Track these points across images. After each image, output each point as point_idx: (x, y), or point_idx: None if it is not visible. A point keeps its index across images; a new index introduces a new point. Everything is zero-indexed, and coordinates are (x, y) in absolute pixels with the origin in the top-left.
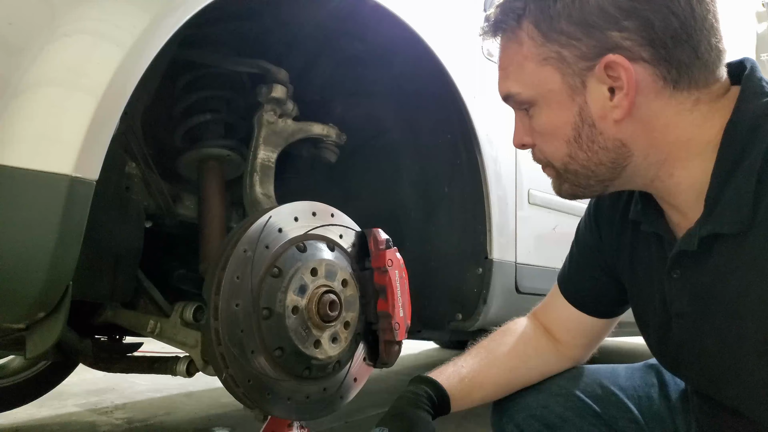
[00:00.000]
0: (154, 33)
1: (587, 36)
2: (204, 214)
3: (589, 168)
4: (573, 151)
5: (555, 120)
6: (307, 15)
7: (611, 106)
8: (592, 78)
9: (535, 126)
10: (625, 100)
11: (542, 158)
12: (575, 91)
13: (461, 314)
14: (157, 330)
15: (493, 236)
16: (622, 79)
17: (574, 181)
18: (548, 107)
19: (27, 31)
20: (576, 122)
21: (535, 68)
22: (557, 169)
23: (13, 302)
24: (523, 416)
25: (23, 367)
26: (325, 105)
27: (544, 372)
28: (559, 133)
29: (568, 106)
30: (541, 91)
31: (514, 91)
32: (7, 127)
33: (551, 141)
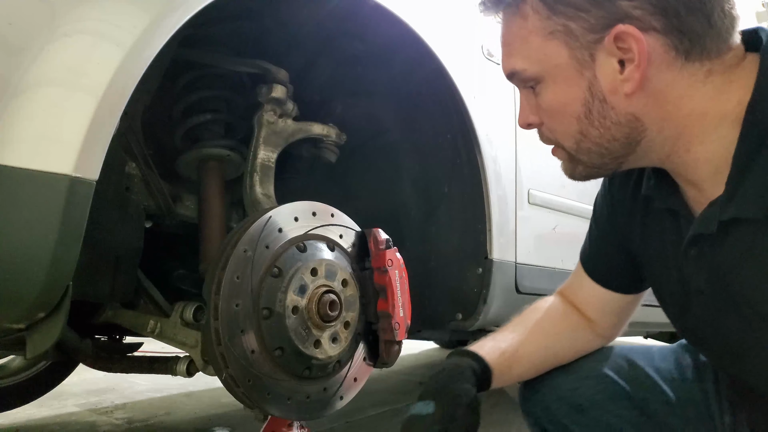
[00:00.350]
0: (154, 33)
1: (596, 6)
2: (204, 214)
3: (602, 145)
4: (584, 128)
5: (564, 96)
6: (307, 15)
7: (621, 80)
8: (602, 51)
9: (543, 104)
10: (637, 72)
11: (552, 138)
12: (584, 65)
13: (461, 314)
14: (157, 330)
15: (493, 236)
16: (633, 50)
17: (588, 161)
18: (555, 83)
19: (27, 31)
20: (586, 98)
21: (541, 43)
22: (568, 150)
23: (13, 302)
24: (553, 398)
25: (23, 367)
26: (325, 105)
27: (579, 350)
28: (569, 110)
29: (577, 82)
30: (547, 66)
31: (519, 68)
32: (7, 127)
33: (561, 119)
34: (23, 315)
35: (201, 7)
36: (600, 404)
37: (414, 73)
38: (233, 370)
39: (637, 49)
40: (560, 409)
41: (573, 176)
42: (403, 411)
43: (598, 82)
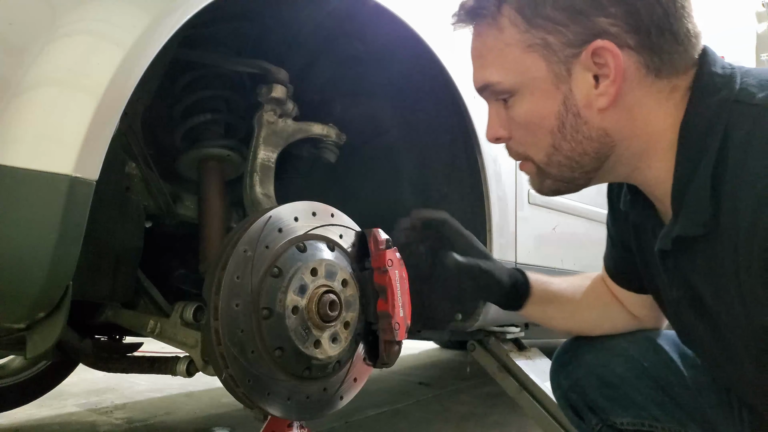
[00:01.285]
0: (154, 33)
1: (574, 22)
2: (204, 214)
3: (573, 159)
4: (557, 141)
5: (539, 109)
6: (307, 15)
7: (596, 95)
8: (578, 65)
9: (516, 117)
10: (612, 87)
11: (521, 152)
12: (560, 79)
13: (461, 314)
14: (157, 330)
15: (493, 236)
16: (609, 65)
17: (557, 174)
18: (531, 96)
19: (27, 31)
20: (560, 111)
21: (518, 55)
22: (538, 164)
23: (13, 302)
24: (583, 373)
25: (23, 367)
26: (325, 105)
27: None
28: (544, 123)
29: (553, 95)
30: (524, 79)
31: (494, 80)
32: (7, 127)
33: (534, 132)
34: (23, 315)
35: (201, 7)
36: (628, 381)
37: (414, 73)
38: (233, 370)
39: (614, 65)
40: (589, 383)
41: (541, 190)
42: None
43: (573, 96)
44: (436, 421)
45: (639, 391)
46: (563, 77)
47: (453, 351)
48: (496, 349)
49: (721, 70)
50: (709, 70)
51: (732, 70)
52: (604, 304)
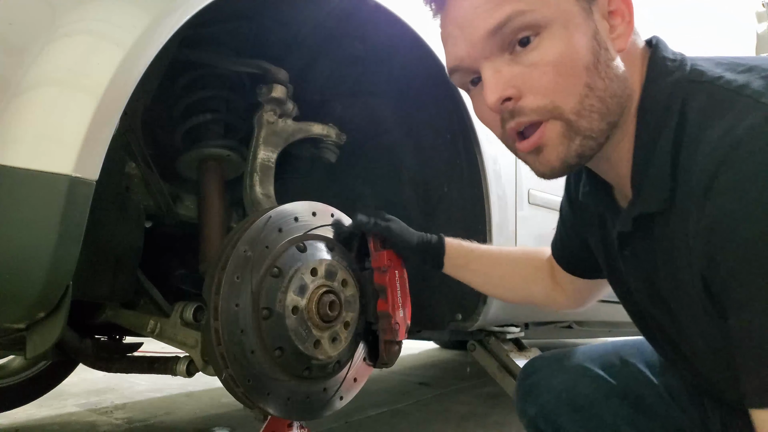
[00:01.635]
0: (154, 33)
1: None
2: (204, 214)
3: (605, 100)
4: (591, 78)
5: (575, 42)
6: (307, 15)
7: (614, 37)
8: (596, 8)
9: (546, 56)
10: (628, 28)
11: (544, 104)
12: (588, 14)
13: (461, 314)
14: (157, 330)
15: (493, 236)
16: (623, 9)
17: (587, 128)
18: (566, 28)
19: (27, 31)
20: (593, 46)
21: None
22: (567, 117)
23: (13, 302)
24: (549, 398)
25: (23, 367)
26: (325, 105)
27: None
28: (579, 59)
29: (585, 29)
30: (557, 10)
31: (525, 8)
32: (7, 127)
33: (567, 71)
34: (23, 315)
35: (201, 7)
36: (596, 403)
37: (414, 74)
38: (233, 370)
39: (626, 7)
40: (556, 408)
41: (566, 158)
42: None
43: (599, 32)
44: (436, 421)
45: (609, 410)
46: (590, 14)
47: (453, 351)
48: (496, 349)
49: (672, 56)
50: (661, 55)
51: (682, 56)
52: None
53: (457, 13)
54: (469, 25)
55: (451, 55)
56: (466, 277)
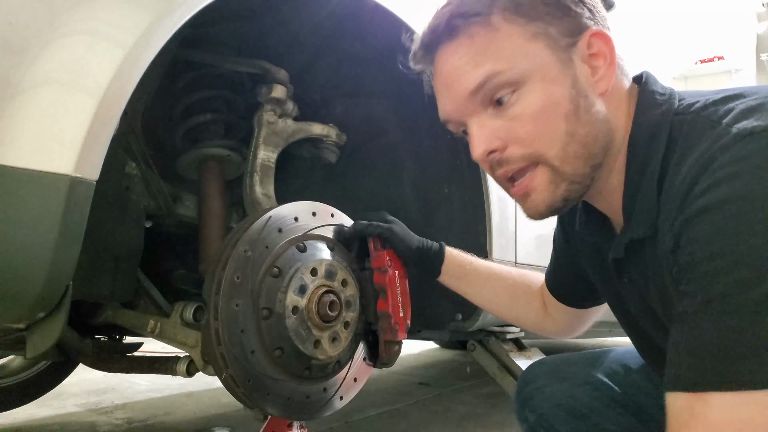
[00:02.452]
0: (154, 33)
1: (565, 15)
2: (204, 214)
3: (587, 145)
4: (572, 126)
5: (553, 94)
6: (307, 15)
7: (596, 80)
8: (575, 54)
9: (525, 110)
10: (610, 69)
11: (529, 153)
12: (566, 64)
13: (461, 314)
14: (157, 330)
15: (493, 237)
16: (604, 51)
17: (572, 173)
18: (543, 82)
19: (27, 31)
20: (572, 94)
21: (522, 44)
22: (552, 162)
23: (13, 302)
24: (548, 406)
25: (23, 367)
26: (325, 105)
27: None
28: (558, 110)
29: (562, 80)
30: (534, 65)
31: (501, 68)
32: (7, 127)
33: (548, 121)
34: (23, 315)
35: (201, 7)
36: (597, 411)
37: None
38: (233, 370)
39: (608, 49)
40: (556, 416)
41: (552, 203)
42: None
43: (579, 80)
44: (436, 421)
45: (610, 419)
46: (569, 63)
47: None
48: (496, 349)
49: (661, 89)
50: (651, 89)
51: (671, 90)
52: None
53: (443, 71)
54: (452, 84)
55: (441, 109)
56: (460, 288)
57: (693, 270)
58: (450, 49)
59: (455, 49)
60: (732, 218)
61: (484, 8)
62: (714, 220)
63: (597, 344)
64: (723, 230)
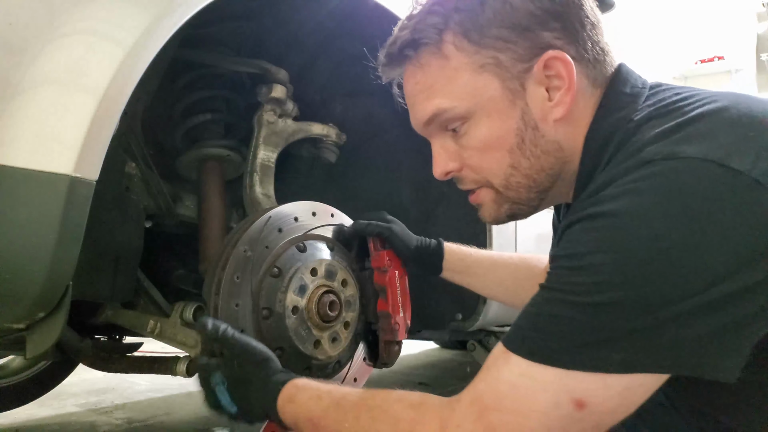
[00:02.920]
0: (154, 33)
1: (522, 38)
2: (204, 214)
3: (531, 177)
4: (516, 159)
5: (498, 129)
6: (306, 15)
7: (551, 106)
8: (530, 80)
9: (472, 142)
10: (567, 95)
11: (478, 178)
12: (516, 95)
13: (461, 314)
14: (157, 330)
15: (492, 236)
16: (562, 74)
17: (515, 197)
18: (489, 116)
19: (27, 31)
20: (519, 127)
21: (470, 77)
22: (496, 187)
23: (13, 302)
24: None
25: (23, 367)
26: (325, 105)
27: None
28: (503, 143)
29: (510, 112)
30: (479, 100)
31: (447, 106)
32: (7, 127)
33: (492, 154)
34: (23, 315)
35: (201, 7)
36: None
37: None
38: None
39: (567, 73)
40: None
41: (497, 218)
42: None
43: (530, 111)
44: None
45: None
46: (519, 93)
47: (453, 351)
48: None
49: (630, 90)
50: (616, 89)
51: (640, 90)
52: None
53: (406, 91)
54: (411, 108)
55: (411, 121)
56: (464, 281)
57: (554, 261)
58: (408, 72)
59: (410, 73)
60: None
61: (436, 34)
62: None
63: None
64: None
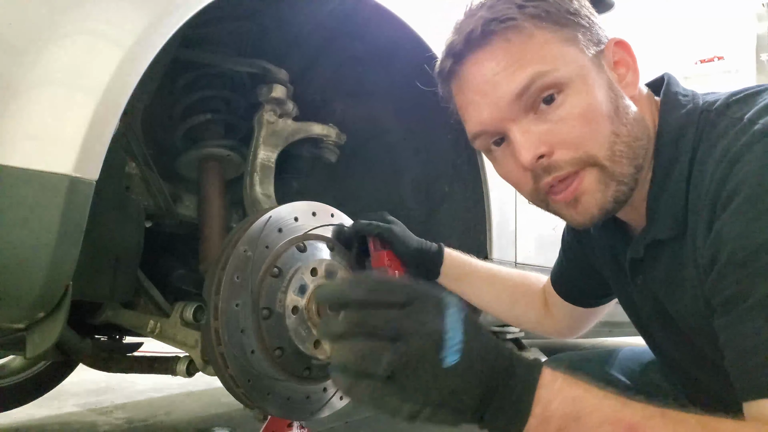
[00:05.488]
0: (154, 33)
1: (588, 24)
2: (204, 214)
3: (630, 146)
4: (616, 126)
5: (595, 95)
6: (307, 15)
7: (623, 86)
8: (604, 61)
9: (574, 111)
10: (635, 76)
11: (577, 156)
12: (600, 68)
13: None
14: (157, 330)
15: (493, 236)
16: (626, 59)
17: (620, 173)
18: (585, 83)
19: (27, 32)
20: (611, 96)
21: (560, 49)
22: (601, 162)
23: (13, 302)
24: None
25: (23, 367)
26: (325, 105)
27: (521, 321)
28: (602, 110)
29: (600, 82)
30: (574, 67)
31: (547, 69)
32: (7, 127)
33: (595, 121)
34: (23, 315)
35: (201, 7)
36: None
37: (414, 73)
38: (233, 370)
39: (630, 57)
40: None
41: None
42: None
43: (612, 84)
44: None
45: None
46: (602, 67)
47: None
48: None
49: (683, 90)
50: (674, 90)
51: (693, 92)
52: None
53: (476, 80)
54: (492, 90)
55: (474, 120)
56: (459, 289)
57: (736, 271)
58: (484, 56)
59: (491, 54)
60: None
61: (515, 15)
62: (749, 219)
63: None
64: (760, 227)
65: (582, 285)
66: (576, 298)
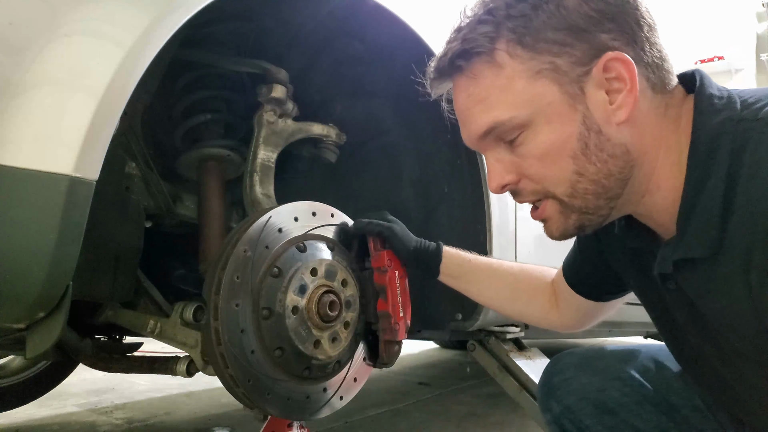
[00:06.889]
0: (154, 33)
1: (579, 40)
2: (204, 214)
3: (599, 182)
4: (581, 165)
5: (559, 135)
6: (307, 15)
7: (613, 109)
8: (590, 83)
9: (532, 150)
10: (630, 96)
11: (539, 190)
12: (576, 99)
13: (461, 314)
14: (157, 330)
15: (492, 236)
16: (623, 76)
17: (582, 206)
18: (549, 123)
19: (27, 32)
20: (581, 132)
21: (526, 84)
22: (561, 198)
23: (13, 302)
24: (576, 398)
25: (23, 367)
26: (325, 105)
27: (524, 315)
28: (565, 149)
29: (571, 117)
30: (538, 106)
31: (504, 118)
32: (7, 127)
33: (555, 161)
34: (23, 315)
35: (201, 7)
36: (627, 407)
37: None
38: (233, 370)
39: (628, 74)
40: (584, 409)
41: (565, 231)
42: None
43: (591, 115)
44: (436, 421)
45: (640, 417)
46: (579, 97)
47: (453, 351)
48: (496, 349)
49: (718, 92)
50: (708, 92)
51: (728, 92)
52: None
53: (457, 103)
54: (465, 122)
55: (462, 135)
56: (461, 287)
57: None
58: (459, 84)
59: (464, 86)
60: None
61: (488, 42)
62: None
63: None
64: None
65: (594, 279)
66: (587, 291)
